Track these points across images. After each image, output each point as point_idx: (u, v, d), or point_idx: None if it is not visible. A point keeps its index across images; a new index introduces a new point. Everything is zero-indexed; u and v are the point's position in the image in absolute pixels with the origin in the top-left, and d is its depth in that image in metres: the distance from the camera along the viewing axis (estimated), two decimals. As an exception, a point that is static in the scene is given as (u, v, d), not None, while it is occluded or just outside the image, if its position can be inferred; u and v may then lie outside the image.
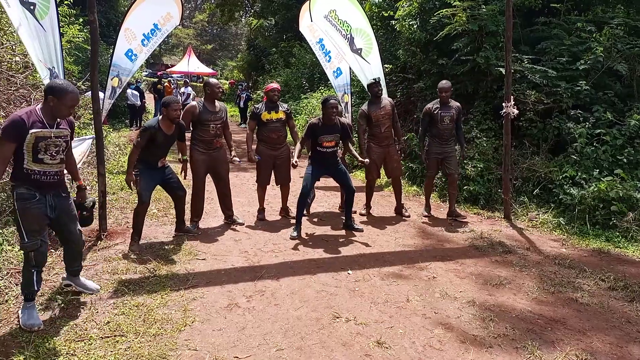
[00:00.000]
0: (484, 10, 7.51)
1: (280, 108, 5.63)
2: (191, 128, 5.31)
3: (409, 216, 6.18)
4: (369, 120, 5.93)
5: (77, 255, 3.60)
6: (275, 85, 5.71)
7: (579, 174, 5.94)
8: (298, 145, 5.38)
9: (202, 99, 5.37)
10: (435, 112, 5.89)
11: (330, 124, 5.17)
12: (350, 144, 5.43)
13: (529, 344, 3.10)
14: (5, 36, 6.16)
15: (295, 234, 5.22)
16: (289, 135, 5.85)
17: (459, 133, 6.07)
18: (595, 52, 6.63)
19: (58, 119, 3.18)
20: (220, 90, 5.34)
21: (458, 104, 6.03)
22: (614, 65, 6.64)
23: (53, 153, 3.17)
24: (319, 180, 5.82)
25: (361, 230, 5.48)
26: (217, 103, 5.32)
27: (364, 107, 5.99)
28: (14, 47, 6.09)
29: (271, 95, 5.58)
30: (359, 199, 6.58)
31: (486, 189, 6.70)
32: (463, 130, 6.30)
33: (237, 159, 5.54)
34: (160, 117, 4.69)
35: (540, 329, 3.34)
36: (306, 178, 5.29)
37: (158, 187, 4.91)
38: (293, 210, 5.98)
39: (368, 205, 6.30)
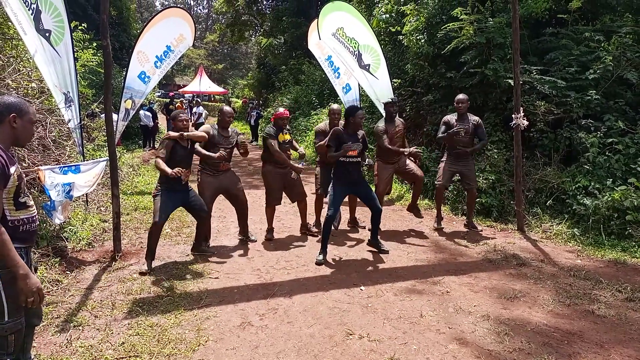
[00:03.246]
0: (490, 22, 7.54)
1: (286, 130, 5.76)
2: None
3: (422, 217, 6.34)
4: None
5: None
6: (286, 113, 5.71)
7: (592, 183, 5.89)
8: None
9: (216, 123, 5.46)
10: (452, 123, 5.94)
11: (354, 133, 5.09)
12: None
13: (545, 358, 3.06)
14: (22, 63, 6.33)
15: (320, 258, 5.01)
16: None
17: (479, 144, 6.03)
18: (605, 61, 6.61)
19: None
20: (230, 118, 5.40)
21: (477, 118, 6.01)
22: (624, 73, 6.61)
23: (28, 192, 2.47)
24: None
25: (387, 252, 5.29)
26: (230, 129, 5.42)
27: (381, 124, 6.03)
28: (30, 74, 6.25)
29: (280, 123, 5.62)
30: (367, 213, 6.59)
31: (498, 201, 6.66)
32: (484, 142, 6.14)
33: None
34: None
35: (556, 342, 3.29)
36: (331, 201, 5.05)
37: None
38: (312, 225, 6.12)
39: None
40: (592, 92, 6.62)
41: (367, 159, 5.32)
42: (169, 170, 4.45)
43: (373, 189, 5.79)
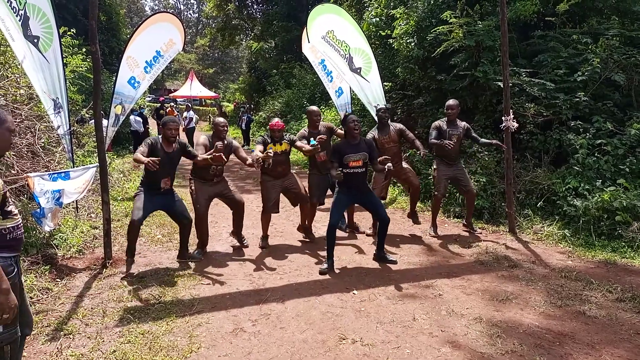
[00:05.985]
0: (479, 26, 7.59)
1: (283, 140, 5.58)
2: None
3: (419, 223, 6.21)
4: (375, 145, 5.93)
5: None
6: (279, 125, 5.52)
7: (582, 185, 5.93)
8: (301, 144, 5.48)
9: (211, 135, 5.37)
10: (444, 129, 5.92)
11: (354, 143, 4.96)
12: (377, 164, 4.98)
13: (537, 360, 3.08)
14: (10, 69, 6.28)
15: (325, 267, 4.86)
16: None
17: (482, 141, 6.07)
18: (592, 63, 6.68)
19: None
20: (224, 128, 5.31)
21: (465, 123, 6.05)
22: (612, 75, 6.68)
23: (12, 200, 2.44)
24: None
25: (395, 262, 5.07)
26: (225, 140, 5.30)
27: (374, 132, 5.99)
28: (18, 80, 6.20)
29: (272, 135, 5.49)
30: (367, 218, 6.60)
31: (490, 203, 6.70)
32: (477, 138, 6.13)
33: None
34: (161, 136, 4.86)
35: (548, 344, 3.31)
36: (334, 208, 4.94)
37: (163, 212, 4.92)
38: (316, 233, 6.08)
39: (375, 225, 6.27)
40: (580, 94, 6.69)
41: (387, 164, 4.82)
42: (144, 159, 4.42)
43: None
